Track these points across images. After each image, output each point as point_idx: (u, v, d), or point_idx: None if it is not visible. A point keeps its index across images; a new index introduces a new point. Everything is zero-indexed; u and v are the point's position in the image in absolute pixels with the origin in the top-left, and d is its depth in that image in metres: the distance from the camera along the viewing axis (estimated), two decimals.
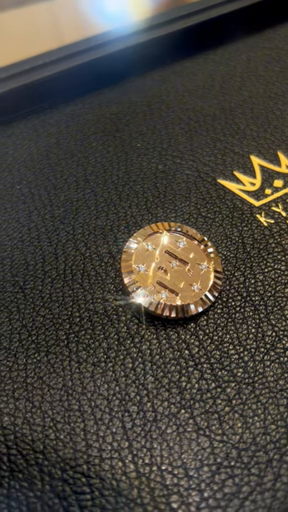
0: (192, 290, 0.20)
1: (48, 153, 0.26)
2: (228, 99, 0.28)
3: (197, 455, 0.18)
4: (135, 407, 0.18)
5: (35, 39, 0.39)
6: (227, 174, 0.25)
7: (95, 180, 0.25)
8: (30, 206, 0.24)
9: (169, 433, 0.18)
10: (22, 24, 0.41)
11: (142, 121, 0.27)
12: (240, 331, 0.20)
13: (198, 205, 0.24)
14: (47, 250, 0.23)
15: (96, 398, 0.19)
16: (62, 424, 0.18)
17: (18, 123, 0.27)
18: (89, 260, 0.22)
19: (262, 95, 0.28)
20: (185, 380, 0.19)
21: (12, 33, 0.40)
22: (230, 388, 0.19)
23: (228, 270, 0.22)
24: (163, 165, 0.25)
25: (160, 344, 0.20)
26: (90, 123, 0.27)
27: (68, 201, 0.24)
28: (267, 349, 0.20)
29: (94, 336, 0.20)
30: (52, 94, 0.28)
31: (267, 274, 0.21)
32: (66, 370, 0.19)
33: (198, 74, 0.29)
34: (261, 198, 0.24)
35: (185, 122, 0.27)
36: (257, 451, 0.18)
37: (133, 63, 0.29)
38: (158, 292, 0.20)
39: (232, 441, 0.18)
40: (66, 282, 0.21)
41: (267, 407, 0.18)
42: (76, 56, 0.28)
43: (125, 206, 0.24)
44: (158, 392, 0.19)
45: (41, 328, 0.20)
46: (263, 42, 0.31)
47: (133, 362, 0.19)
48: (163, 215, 0.24)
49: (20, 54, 0.30)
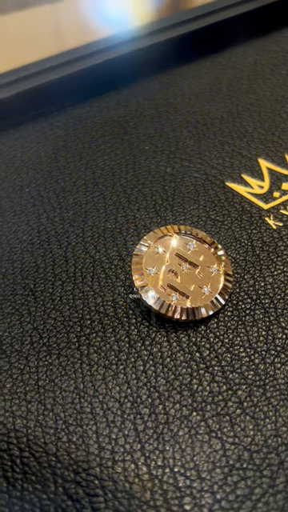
0: (202, 293, 0.20)
1: (56, 155, 0.26)
2: (235, 102, 0.28)
3: (209, 457, 0.18)
4: (147, 410, 0.19)
5: (40, 42, 0.39)
6: (235, 176, 0.25)
7: (104, 183, 0.25)
8: (39, 208, 0.24)
9: (181, 435, 0.18)
10: (27, 26, 0.41)
11: (149, 123, 0.27)
12: (250, 334, 0.20)
13: (206, 208, 0.24)
14: (57, 253, 0.23)
15: (108, 401, 0.19)
16: (74, 426, 0.18)
17: (26, 126, 0.28)
18: (98, 263, 0.22)
19: (269, 98, 0.28)
20: (196, 382, 0.19)
21: (18, 35, 0.40)
22: (241, 390, 0.19)
23: (238, 273, 0.22)
24: (171, 167, 0.25)
25: (171, 346, 0.20)
26: (98, 126, 0.27)
27: (77, 203, 0.24)
28: (277, 351, 0.20)
29: (104, 339, 0.20)
30: (60, 96, 0.28)
31: (276, 276, 0.22)
32: (77, 372, 0.19)
33: (205, 76, 0.29)
34: (269, 200, 0.24)
35: (192, 125, 0.27)
36: (268, 453, 0.18)
37: (140, 66, 0.29)
38: (169, 295, 0.20)
39: (244, 443, 0.18)
40: (76, 285, 0.22)
41: (278, 409, 0.19)
42: (84, 59, 0.28)
43: (133, 209, 0.24)
44: (169, 394, 0.19)
45: (52, 331, 0.20)
46: (269, 45, 0.31)
47: (144, 364, 0.19)
48: (172, 218, 0.24)
49: (25, 56, 0.30)
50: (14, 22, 0.43)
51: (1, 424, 0.19)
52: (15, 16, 0.43)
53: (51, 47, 0.38)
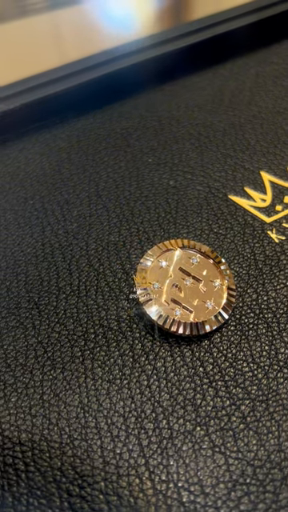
0: (206, 308, 0.21)
1: (60, 167, 0.26)
2: (238, 114, 0.28)
3: (212, 472, 0.18)
4: (151, 424, 0.19)
5: (42, 51, 0.39)
6: (238, 189, 0.25)
7: (107, 195, 0.25)
8: (43, 221, 0.24)
9: (185, 450, 0.18)
10: (28, 35, 0.42)
11: (152, 136, 0.27)
12: (253, 348, 0.20)
13: (209, 221, 0.24)
14: (61, 266, 0.23)
15: (112, 415, 0.19)
16: (79, 441, 0.19)
17: (30, 137, 0.28)
18: (102, 276, 0.22)
19: (271, 110, 0.28)
20: (200, 397, 0.19)
21: (18, 44, 0.40)
22: (245, 405, 0.19)
23: (241, 287, 0.22)
24: (174, 180, 0.25)
25: (174, 361, 0.20)
26: (101, 138, 0.28)
27: (81, 216, 0.24)
28: (280, 366, 0.20)
29: (108, 353, 0.20)
30: (63, 108, 0.28)
31: (279, 291, 0.22)
32: (81, 386, 0.20)
33: (208, 88, 0.29)
34: (272, 214, 0.24)
35: (195, 138, 0.27)
36: (272, 468, 0.18)
37: (143, 78, 0.29)
38: (172, 309, 0.20)
39: (247, 458, 0.18)
40: (80, 298, 0.22)
41: (281, 424, 0.19)
42: (87, 71, 0.28)
43: (137, 222, 0.24)
44: (173, 409, 0.19)
45: (56, 344, 0.21)
46: (271, 57, 0.31)
47: (148, 379, 0.20)
48: (175, 231, 0.24)
49: (26, 66, 0.30)
50: (13, 31, 0.43)
51: (6, 438, 0.19)
52: (15, 24, 0.44)
53: (53, 57, 0.39)
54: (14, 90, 0.27)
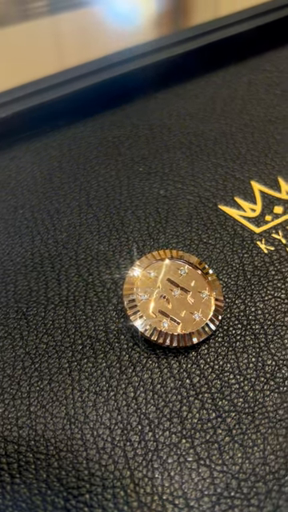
0: (193, 319, 0.21)
1: (51, 176, 0.26)
2: (229, 123, 0.28)
3: (197, 485, 0.18)
4: (137, 436, 0.19)
5: (38, 56, 0.39)
6: (228, 199, 0.25)
7: (98, 204, 0.25)
8: (33, 230, 0.24)
9: (170, 462, 0.18)
10: (27, 40, 0.42)
11: (144, 144, 0.27)
12: (240, 360, 0.20)
13: (199, 231, 0.24)
14: (50, 276, 0.23)
15: (98, 427, 0.19)
16: (64, 453, 0.19)
17: (21, 146, 0.28)
18: (91, 286, 0.22)
19: (263, 119, 0.28)
20: (186, 410, 0.19)
21: (18, 48, 0.41)
22: (231, 418, 0.19)
23: (229, 298, 0.22)
24: (165, 190, 0.26)
25: (161, 373, 0.20)
26: (93, 146, 0.28)
27: (71, 225, 0.25)
28: (267, 378, 0.20)
29: (96, 364, 0.20)
30: (54, 116, 0.28)
31: (267, 302, 0.22)
32: (68, 398, 0.20)
33: (200, 96, 0.29)
34: (261, 224, 0.24)
35: (186, 147, 0.27)
36: (256, 482, 0.18)
37: (135, 86, 0.29)
38: (160, 321, 0.20)
39: (232, 471, 0.18)
40: (69, 309, 0.22)
41: (266, 437, 0.19)
42: (78, 79, 0.28)
43: (127, 231, 0.24)
44: (159, 421, 0.19)
45: (44, 355, 0.21)
46: (264, 65, 0.31)
47: (134, 391, 0.20)
48: (165, 241, 0.24)
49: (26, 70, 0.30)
50: (14, 35, 0.43)
51: None
52: (17, 29, 0.44)
53: (52, 62, 0.39)
54: (5, 98, 0.27)
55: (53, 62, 0.39)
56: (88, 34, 0.42)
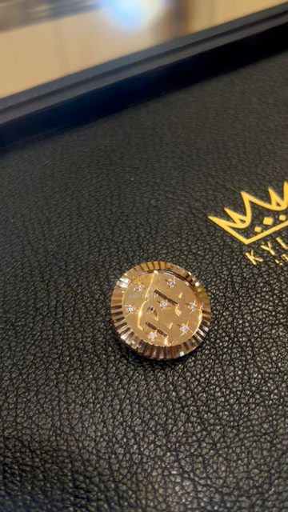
0: (180, 331, 0.21)
1: (43, 185, 0.27)
2: (221, 132, 0.28)
3: (181, 499, 0.18)
4: (122, 449, 0.19)
5: (39, 60, 0.39)
6: (218, 210, 0.25)
7: (88, 214, 0.25)
8: (23, 240, 0.25)
9: (154, 475, 0.18)
10: (29, 44, 0.42)
11: (135, 154, 0.28)
12: (227, 373, 0.20)
13: (188, 241, 0.24)
14: (39, 286, 0.23)
15: (84, 439, 0.19)
16: (50, 464, 0.19)
17: (14, 154, 0.28)
18: (80, 297, 0.23)
19: (255, 129, 0.28)
20: (171, 423, 0.19)
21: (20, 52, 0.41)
22: (215, 431, 0.19)
23: (217, 310, 0.22)
24: (155, 200, 0.26)
25: (148, 385, 0.20)
26: (85, 155, 0.28)
27: (61, 235, 0.25)
28: (253, 391, 0.20)
29: (83, 376, 0.20)
30: (48, 124, 0.28)
31: (255, 314, 0.22)
32: (54, 410, 0.20)
33: (192, 105, 0.29)
34: (250, 235, 0.24)
35: (178, 156, 0.27)
36: (240, 496, 0.18)
37: (128, 94, 0.29)
38: (147, 333, 0.21)
39: (216, 485, 0.18)
40: (57, 320, 0.22)
41: (251, 451, 0.19)
42: (71, 88, 0.28)
43: (117, 242, 0.24)
44: (144, 434, 0.19)
45: (31, 367, 0.21)
46: (257, 74, 0.31)
47: (121, 403, 0.20)
48: (154, 251, 0.24)
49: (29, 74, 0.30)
50: (17, 39, 0.43)
51: None
52: (19, 32, 0.44)
53: (53, 66, 0.39)
54: (0, 106, 0.27)
55: (49, 69, 0.39)
56: (85, 41, 0.42)
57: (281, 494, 0.18)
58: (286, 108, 0.29)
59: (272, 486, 0.18)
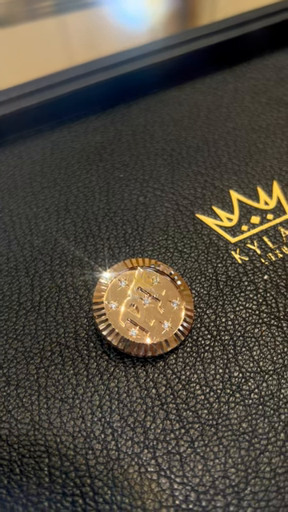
0: (162, 328, 0.21)
1: (32, 181, 0.26)
2: (212, 130, 0.28)
3: (156, 496, 0.18)
4: (99, 445, 0.19)
5: (42, 55, 0.39)
6: (206, 208, 0.25)
7: (76, 210, 0.25)
8: (10, 234, 0.25)
9: (130, 472, 0.18)
10: (34, 39, 0.42)
11: (126, 150, 0.27)
12: (207, 371, 0.20)
13: (175, 239, 0.24)
14: (24, 281, 0.23)
15: (62, 434, 0.19)
16: (27, 459, 0.19)
17: (4, 149, 0.28)
18: (64, 292, 0.22)
19: (247, 127, 0.28)
20: (150, 420, 0.19)
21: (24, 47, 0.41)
22: (194, 429, 0.19)
23: (200, 308, 0.22)
24: (144, 196, 0.25)
25: (128, 382, 0.20)
26: (75, 151, 0.28)
27: (48, 230, 0.25)
28: (233, 390, 0.20)
29: (63, 371, 0.20)
30: (38, 120, 0.28)
31: (238, 312, 0.22)
32: (34, 404, 0.20)
33: (184, 103, 0.29)
34: (237, 234, 0.24)
35: (168, 154, 0.27)
36: (215, 495, 0.18)
37: (120, 91, 0.29)
38: (128, 330, 0.20)
39: (192, 483, 0.18)
40: (40, 315, 0.22)
41: (229, 450, 0.19)
42: (62, 84, 0.28)
43: (103, 238, 0.24)
44: (122, 431, 0.19)
45: (12, 361, 0.21)
46: (251, 72, 0.31)
47: (100, 399, 0.20)
48: (140, 248, 0.24)
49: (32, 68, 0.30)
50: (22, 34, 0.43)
51: None
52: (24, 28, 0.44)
53: (58, 60, 0.39)
54: None
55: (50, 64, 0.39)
56: (85, 36, 0.42)
57: (257, 494, 0.18)
58: (278, 107, 0.29)
59: (248, 486, 0.18)
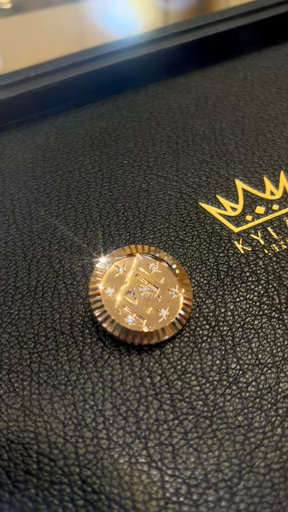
0: (159, 317, 0.20)
1: (34, 165, 0.26)
2: (220, 119, 0.27)
3: (146, 487, 0.17)
4: (90, 433, 0.18)
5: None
6: (210, 197, 0.24)
7: (77, 196, 0.25)
8: (9, 218, 0.24)
9: (121, 462, 0.18)
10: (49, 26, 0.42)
11: (130, 137, 0.27)
12: (204, 362, 0.20)
13: (176, 227, 0.23)
14: (21, 265, 0.22)
15: (52, 421, 0.19)
16: (15, 445, 0.18)
17: (8, 133, 0.27)
18: (61, 278, 0.22)
19: (255, 116, 0.27)
20: (143, 409, 0.19)
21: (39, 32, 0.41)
22: (188, 421, 0.18)
23: (199, 297, 0.21)
24: (147, 184, 0.25)
25: (122, 370, 0.20)
26: (79, 137, 0.27)
27: (48, 215, 0.24)
28: (230, 382, 0.19)
29: (57, 357, 0.20)
30: (43, 105, 0.28)
31: (238, 303, 0.21)
32: (25, 390, 0.19)
33: (192, 91, 0.29)
34: (241, 223, 0.23)
35: (173, 141, 0.26)
36: (207, 488, 0.17)
37: (128, 77, 0.29)
38: (124, 317, 0.20)
39: (183, 476, 0.18)
40: (36, 300, 0.21)
41: (223, 443, 0.18)
42: (69, 69, 0.28)
43: (104, 224, 0.24)
44: (114, 420, 0.19)
45: (6, 345, 0.20)
46: (262, 61, 0.30)
47: (93, 386, 0.19)
48: (141, 236, 0.23)
49: None
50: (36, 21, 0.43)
51: None
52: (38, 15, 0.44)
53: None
54: None
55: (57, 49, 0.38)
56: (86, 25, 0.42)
57: (250, 490, 0.17)
58: None
59: (242, 481, 0.17)
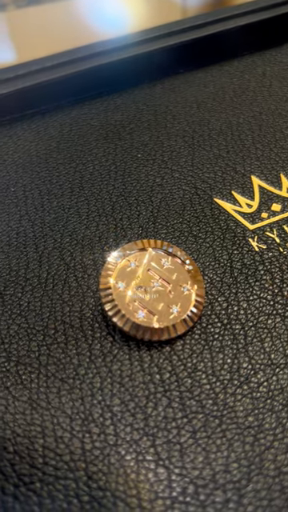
0: (170, 313, 0.20)
1: (47, 156, 0.26)
2: (237, 114, 0.27)
3: (152, 486, 0.17)
4: (97, 429, 0.18)
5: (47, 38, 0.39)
6: (225, 193, 0.24)
7: (90, 188, 0.24)
8: (21, 209, 0.24)
9: (127, 459, 0.18)
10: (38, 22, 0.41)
11: (146, 130, 0.27)
12: (215, 360, 0.19)
13: (190, 223, 0.23)
14: (32, 257, 0.22)
15: (59, 415, 0.18)
16: (21, 438, 0.18)
17: (22, 124, 0.27)
18: (72, 271, 0.22)
19: (273, 112, 0.27)
20: (151, 406, 0.18)
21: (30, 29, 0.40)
22: (197, 419, 0.18)
23: (211, 295, 0.21)
24: (161, 178, 0.25)
25: (132, 366, 0.19)
26: (94, 129, 0.27)
27: (60, 207, 0.24)
28: (241, 382, 0.19)
29: (65, 351, 0.20)
30: (58, 96, 0.28)
31: (251, 302, 0.21)
32: (33, 382, 0.19)
33: (210, 85, 0.28)
34: (256, 221, 0.23)
35: (189, 135, 0.26)
36: (215, 489, 0.17)
37: (145, 70, 0.28)
38: (135, 312, 0.20)
39: (191, 475, 0.17)
40: (46, 292, 0.21)
41: (232, 444, 0.18)
42: (86, 59, 0.27)
43: (116, 218, 0.23)
44: (122, 416, 0.18)
45: (14, 337, 0.20)
46: (281, 57, 0.29)
47: (101, 381, 0.19)
48: (154, 230, 0.23)
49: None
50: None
51: None
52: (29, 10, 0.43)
53: (57, 44, 0.38)
54: (8, 75, 0.26)
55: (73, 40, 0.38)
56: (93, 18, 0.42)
57: (259, 492, 0.17)
58: None
59: (250, 483, 0.17)
